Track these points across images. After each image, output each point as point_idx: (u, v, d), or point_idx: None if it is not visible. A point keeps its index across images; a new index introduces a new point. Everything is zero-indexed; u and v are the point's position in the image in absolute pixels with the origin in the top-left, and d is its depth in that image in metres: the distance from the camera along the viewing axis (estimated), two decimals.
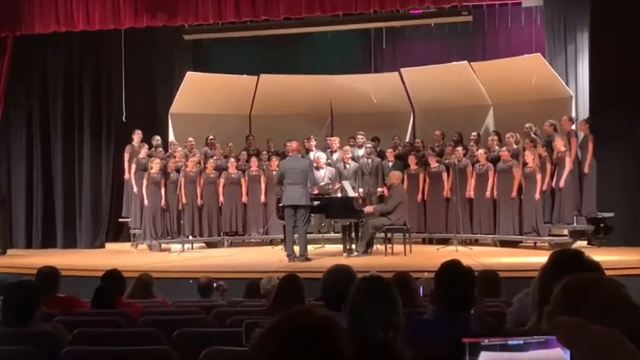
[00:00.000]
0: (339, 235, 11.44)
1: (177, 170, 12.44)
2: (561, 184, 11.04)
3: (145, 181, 12.27)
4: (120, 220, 13.48)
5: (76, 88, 13.87)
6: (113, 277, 5.75)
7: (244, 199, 12.99)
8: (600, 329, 1.14)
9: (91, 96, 13.87)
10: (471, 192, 11.98)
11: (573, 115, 12.04)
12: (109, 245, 13.61)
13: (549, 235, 11.53)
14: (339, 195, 11.32)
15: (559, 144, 11.16)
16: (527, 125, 11.90)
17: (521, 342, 1.22)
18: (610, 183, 11.25)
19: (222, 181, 12.88)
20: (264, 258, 11.12)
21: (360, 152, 12.92)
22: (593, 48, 11.93)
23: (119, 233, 14.05)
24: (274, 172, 12.39)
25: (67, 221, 13.67)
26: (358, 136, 13.17)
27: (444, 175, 12.24)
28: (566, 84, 12.67)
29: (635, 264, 8.76)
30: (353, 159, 12.58)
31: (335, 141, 13.19)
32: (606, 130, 11.30)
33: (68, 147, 13.76)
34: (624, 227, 11.19)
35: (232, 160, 13.03)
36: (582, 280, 1.37)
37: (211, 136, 13.65)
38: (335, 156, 12.90)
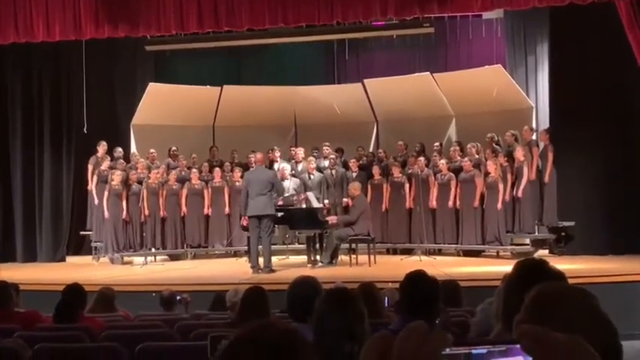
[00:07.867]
0: (304, 247, 11.42)
1: (139, 182, 12.30)
2: (519, 193, 11.18)
3: (105, 193, 12.12)
4: (81, 233, 13.30)
5: (35, 100, 13.59)
6: (74, 291, 5.65)
7: (207, 210, 12.93)
8: (562, 336, 1.15)
9: (51, 107, 13.61)
10: (433, 202, 12.05)
11: (534, 125, 12.21)
12: (70, 259, 13.38)
13: (511, 245, 11.66)
14: (304, 206, 11.31)
15: (519, 154, 11.30)
16: (489, 135, 12.04)
17: (485, 351, 1.22)
18: (570, 192, 11.39)
19: (184, 192, 12.81)
20: (228, 270, 11.04)
21: (325, 163, 12.93)
22: (552, 59, 12.11)
23: (80, 246, 13.83)
24: (237, 183, 12.36)
25: (26, 235, 13.38)
26: (323, 148, 13.19)
27: (407, 185, 12.31)
28: (527, 95, 12.87)
29: (595, 272, 8.90)
30: (318, 170, 12.58)
31: (299, 151, 13.19)
32: (566, 140, 11.46)
33: (28, 159, 13.49)
34: (584, 236, 11.32)
35: (195, 170, 12.96)
36: (553, 289, 1.39)
37: (174, 148, 13.55)
38: (300, 167, 12.89)
